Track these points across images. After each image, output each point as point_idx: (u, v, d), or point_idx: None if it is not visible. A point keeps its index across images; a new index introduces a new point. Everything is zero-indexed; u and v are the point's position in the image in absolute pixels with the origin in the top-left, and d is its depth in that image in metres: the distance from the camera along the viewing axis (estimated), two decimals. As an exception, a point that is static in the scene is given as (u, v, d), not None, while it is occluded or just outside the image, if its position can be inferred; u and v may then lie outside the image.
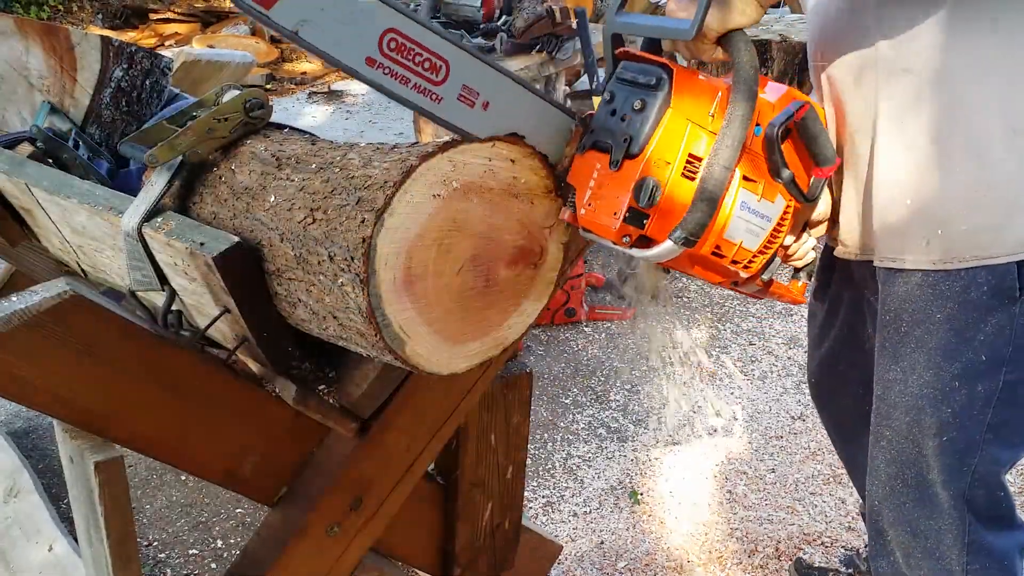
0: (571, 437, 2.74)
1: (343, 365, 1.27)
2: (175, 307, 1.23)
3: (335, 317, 1.07)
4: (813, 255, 1.39)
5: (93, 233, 1.29)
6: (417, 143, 1.09)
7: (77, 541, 1.69)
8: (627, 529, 2.35)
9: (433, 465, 1.55)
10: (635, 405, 2.89)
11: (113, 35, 3.26)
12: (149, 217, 1.15)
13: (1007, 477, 1.37)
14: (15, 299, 1.01)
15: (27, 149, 1.44)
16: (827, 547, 2.27)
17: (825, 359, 1.70)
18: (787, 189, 1.17)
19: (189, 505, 2.46)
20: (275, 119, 1.26)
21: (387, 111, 6.27)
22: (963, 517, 1.32)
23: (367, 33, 0.96)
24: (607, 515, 2.40)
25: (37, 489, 2.19)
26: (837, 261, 1.46)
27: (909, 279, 1.27)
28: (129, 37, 7.47)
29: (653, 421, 2.80)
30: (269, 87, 6.69)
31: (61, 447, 1.25)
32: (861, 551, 2.16)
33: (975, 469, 1.29)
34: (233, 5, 0.93)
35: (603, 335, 3.31)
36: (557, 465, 2.62)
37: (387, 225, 0.98)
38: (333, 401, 1.24)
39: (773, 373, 3.04)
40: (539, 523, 2.36)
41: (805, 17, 1.40)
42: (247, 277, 1.11)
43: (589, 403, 2.91)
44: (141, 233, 1.15)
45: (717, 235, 1.14)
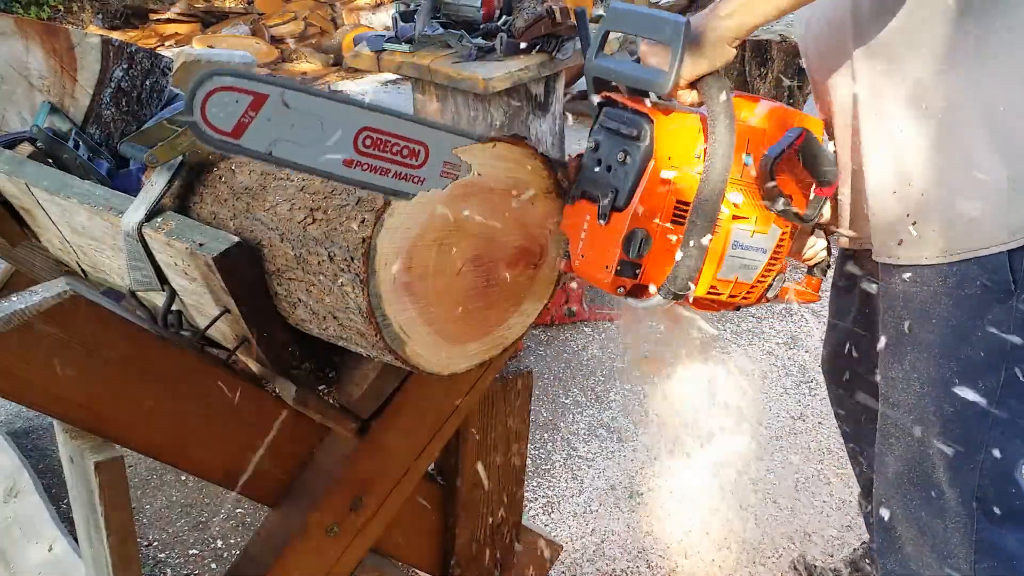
0: (571, 437, 2.74)
1: (343, 365, 1.27)
2: (175, 307, 1.23)
3: (335, 317, 1.07)
4: (824, 254, 1.40)
5: (93, 233, 1.29)
6: (417, 143, 1.09)
7: (77, 541, 1.69)
8: (627, 529, 2.35)
9: (433, 465, 1.54)
10: (635, 405, 2.89)
11: (113, 35, 3.26)
12: (149, 217, 1.15)
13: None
14: (15, 299, 1.01)
15: (27, 149, 1.44)
16: (828, 547, 2.27)
17: (840, 344, 1.70)
18: (783, 216, 1.17)
19: (189, 505, 2.46)
20: (275, 119, 1.26)
21: (387, 111, 6.27)
22: (971, 515, 1.31)
23: (341, 137, 0.96)
24: (607, 515, 2.40)
25: (37, 489, 2.19)
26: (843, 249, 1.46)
27: (906, 276, 1.27)
28: (129, 37, 7.47)
29: (653, 421, 2.80)
30: (269, 87, 6.67)
31: (61, 447, 1.25)
32: (860, 550, 2.16)
33: (983, 466, 1.28)
34: (185, 122, 0.92)
35: (603, 335, 3.31)
36: (557, 465, 2.62)
37: (387, 225, 0.98)
38: (333, 401, 1.24)
39: (773, 373, 3.04)
40: (539, 523, 2.35)
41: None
42: (247, 277, 1.11)
43: (589, 403, 2.91)
44: (141, 233, 1.15)
45: (710, 278, 1.14)
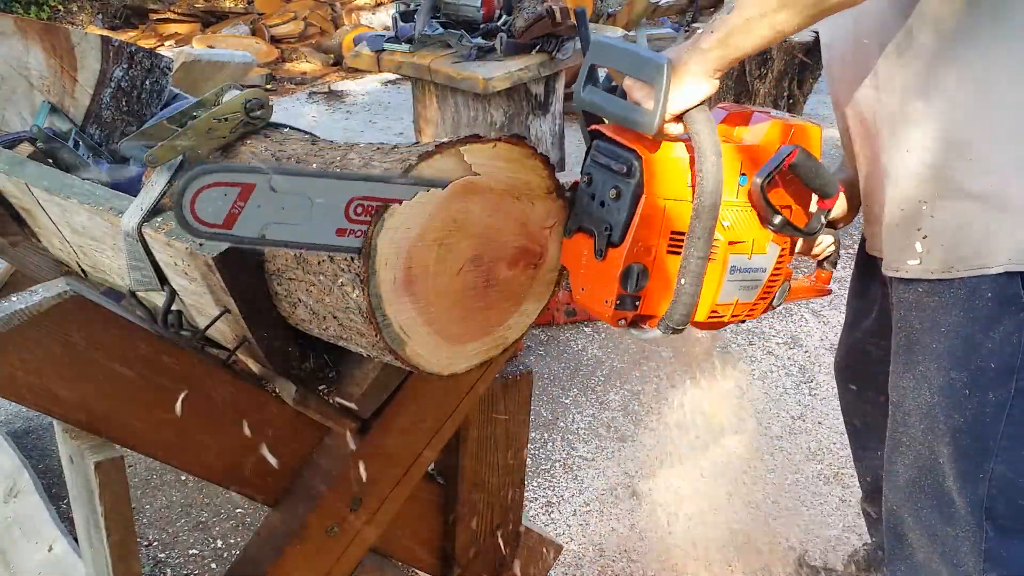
0: (571, 437, 2.74)
1: (343, 365, 1.27)
2: (175, 307, 1.22)
3: (335, 317, 1.07)
4: (833, 248, 1.40)
5: (93, 233, 1.29)
6: (417, 143, 1.09)
7: (77, 541, 1.69)
8: (627, 529, 2.35)
9: (433, 465, 1.54)
10: (635, 405, 2.89)
11: (113, 35, 3.26)
12: (149, 217, 1.15)
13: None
14: (15, 299, 1.01)
15: (27, 149, 1.44)
16: (828, 546, 2.27)
17: (856, 346, 1.69)
18: (781, 232, 1.18)
19: (189, 505, 2.46)
20: (275, 119, 1.26)
21: (387, 111, 6.27)
22: (980, 524, 1.31)
23: (333, 210, 0.96)
24: (607, 515, 2.40)
25: (37, 489, 2.19)
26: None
27: (916, 287, 1.27)
28: (129, 37, 7.47)
29: (653, 421, 2.80)
30: (269, 87, 6.69)
31: (61, 447, 1.25)
32: (861, 549, 2.16)
33: (991, 476, 1.28)
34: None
35: (603, 335, 3.31)
36: (557, 465, 2.62)
37: (387, 225, 0.98)
38: (333, 401, 1.24)
39: (773, 373, 3.04)
40: (539, 523, 2.35)
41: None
42: (247, 277, 1.11)
43: (589, 403, 2.91)
44: (141, 233, 1.15)
45: (710, 303, 1.15)
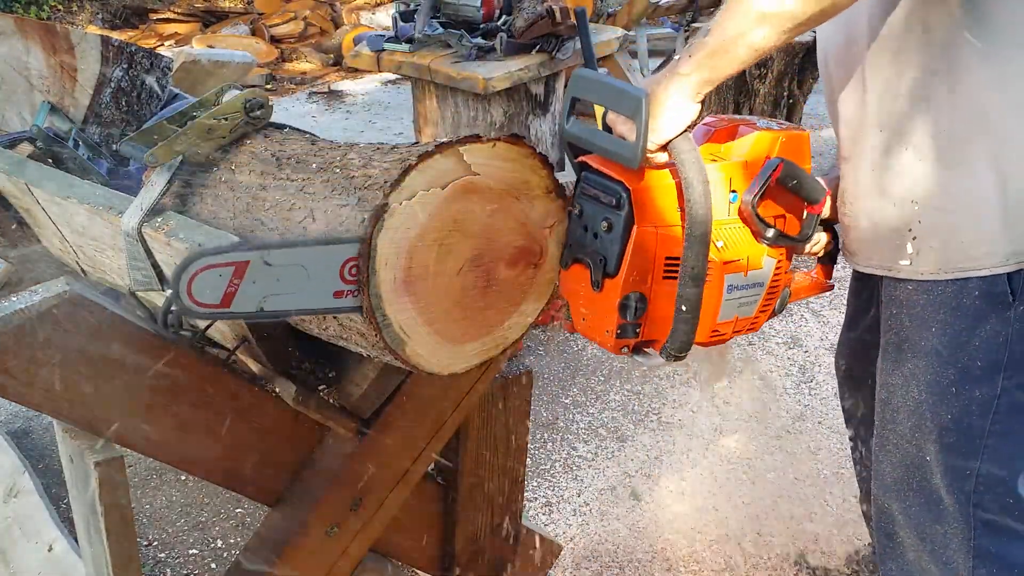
0: (571, 437, 2.74)
1: (343, 365, 1.27)
2: (175, 307, 1.22)
3: (335, 317, 1.07)
4: (831, 244, 1.40)
5: (93, 233, 1.29)
6: (417, 143, 1.09)
7: (77, 541, 1.69)
8: (627, 529, 2.35)
9: (433, 465, 1.55)
10: (635, 405, 2.89)
11: (113, 35, 3.25)
12: (149, 217, 1.15)
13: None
14: (15, 299, 1.01)
15: (27, 149, 1.44)
16: (828, 546, 2.27)
17: (855, 345, 1.70)
18: (775, 245, 1.18)
19: (189, 505, 2.46)
20: (275, 119, 1.26)
21: (387, 111, 6.27)
22: (969, 522, 1.31)
23: (328, 273, 0.98)
24: (607, 515, 2.40)
25: (37, 489, 2.19)
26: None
27: (906, 285, 1.28)
28: (129, 37, 7.47)
29: (653, 421, 2.80)
30: (269, 87, 6.69)
31: (61, 447, 1.25)
32: (862, 549, 2.16)
33: (978, 473, 1.29)
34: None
35: (603, 335, 3.31)
36: (557, 465, 2.62)
37: (387, 225, 0.98)
38: (333, 401, 1.24)
39: (773, 373, 3.04)
40: (539, 523, 2.35)
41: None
42: (247, 277, 1.10)
43: (589, 403, 2.91)
44: (141, 233, 1.15)
45: (709, 326, 1.16)
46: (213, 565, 2.26)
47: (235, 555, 2.24)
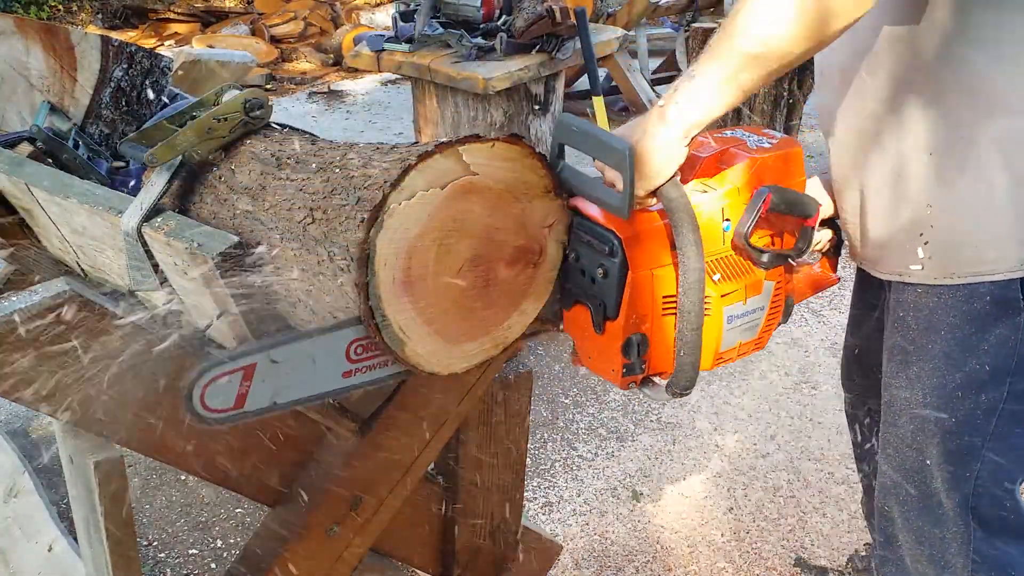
0: (571, 437, 2.74)
1: (343, 365, 1.27)
2: (175, 307, 1.22)
3: (335, 317, 1.07)
4: (833, 238, 1.40)
5: (93, 233, 1.29)
6: (417, 143, 1.09)
7: (77, 541, 1.69)
8: (627, 529, 2.35)
9: (433, 465, 1.55)
10: (635, 405, 2.89)
11: (113, 35, 3.26)
12: (149, 217, 1.15)
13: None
14: (15, 299, 1.01)
15: (27, 149, 1.43)
16: (828, 546, 2.27)
17: (859, 348, 1.70)
18: (772, 267, 1.20)
19: (189, 505, 2.46)
20: (275, 119, 1.26)
21: (387, 111, 6.27)
22: (967, 525, 1.31)
23: (334, 358, 1.01)
24: (607, 515, 2.40)
25: (37, 489, 2.19)
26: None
27: (915, 288, 1.27)
28: (129, 37, 7.47)
29: (653, 421, 2.80)
30: (269, 87, 6.69)
31: (61, 447, 1.25)
32: (861, 550, 2.16)
33: (978, 477, 1.29)
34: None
35: (603, 335, 3.31)
36: (557, 465, 2.62)
37: (386, 226, 0.98)
38: (333, 401, 1.24)
39: (773, 373, 3.04)
40: (539, 523, 2.35)
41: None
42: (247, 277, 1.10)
43: (589, 403, 2.91)
44: (141, 233, 1.15)
45: (712, 356, 1.18)
46: (213, 565, 2.26)
47: (235, 555, 2.24)
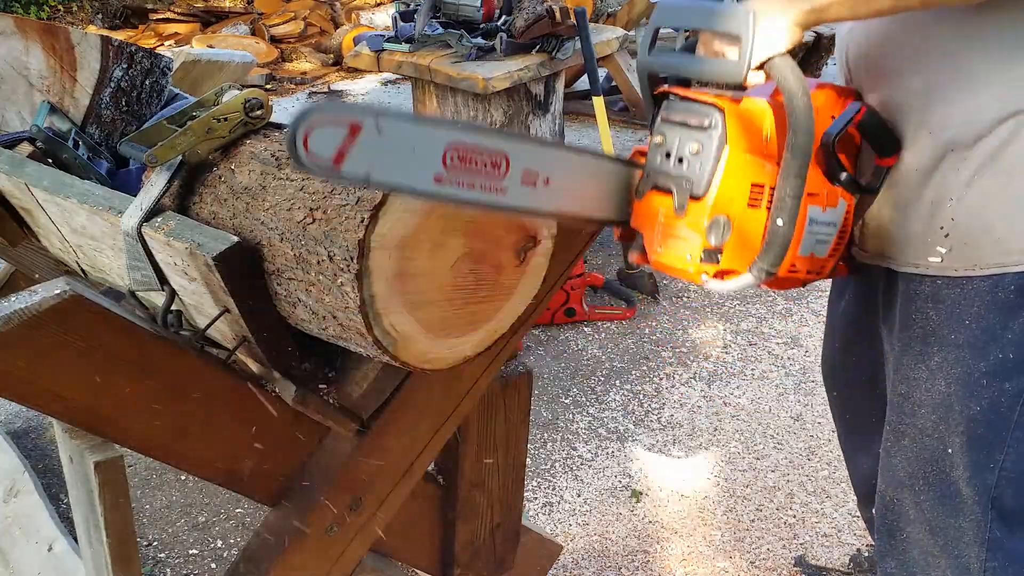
0: (571, 437, 2.74)
1: (343, 365, 1.27)
2: (175, 307, 1.23)
3: (335, 317, 1.07)
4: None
5: (93, 233, 1.29)
6: (417, 143, 1.09)
7: (77, 541, 1.69)
8: (627, 529, 2.35)
9: (433, 465, 1.55)
10: (635, 405, 2.89)
11: (113, 35, 3.25)
12: (149, 217, 1.15)
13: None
14: (15, 299, 1.01)
15: (27, 149, 1.43)
16: (828, 546, 2.27)
17: (837, 347, 1.70)
18: (847, 189, 1.19)
19: (189, 505, 2.46)
20: (275, 119, 1.26)
21: (387, 111, 6.27)
22: (986, 514, 1.31)
23: (431, 156, 0.97)
24: (607, 515, 2.40)
25: (37, 489, 2.19)
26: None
27: (935, 280, 1.27)
28: (129, 37, 7.47)
29: (653, 421, 2.80)
30: (269, 87, 6.69)
31: (61, 447, 1.25)
32: (862, 549, 2.16)
33: (1002, 466, 1.29)
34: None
35: (603, 335, 3.31)
36: (557, 465, 2.62)
37: (381, 224, 0.98)
38: (333, 401, 1.24)
39: (773, 373, 3.04)
40: (539, 523, 2.36)
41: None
42: (247, 277, 1.11)
43: (589, 403, 2.91)
44: (141, 233, 1.15)
45: (791, 257, 1.16)
46: (213, 565, 2.26)
47: (235, 555, 2.24)
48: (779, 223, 1.10)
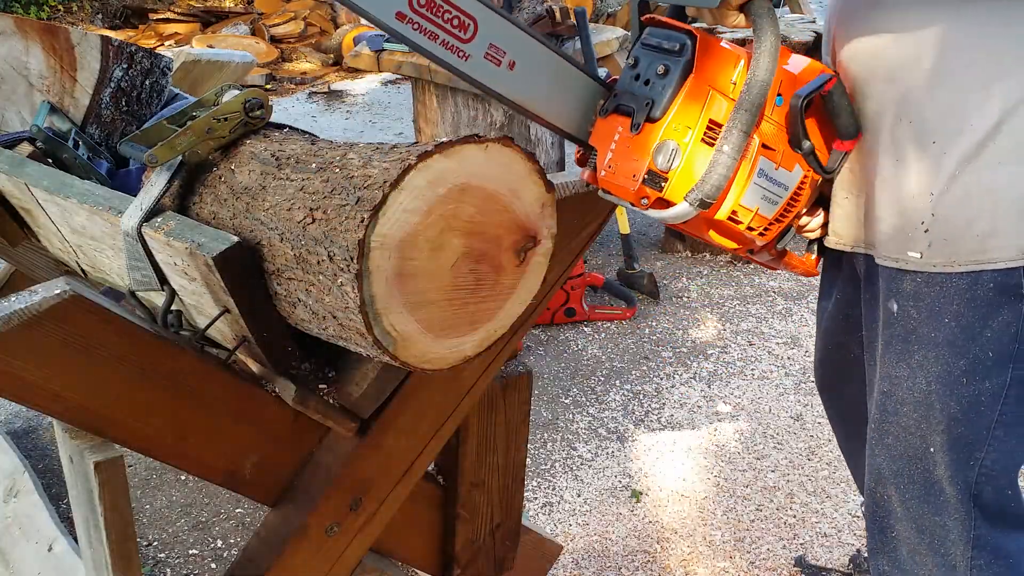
0: (571, 437, 2.74)
1: (343, 365, 1.27)
2: (175, 307, 1.23)
3: (335, 317, 1.07)
4: (820, 231, 1.40)
5: (93, 233, 1.29)
6: (416, 143, 1.09)
7: (77, 541, 1.69)
8: (627, 529, 2.35)
9: (433, 465, 1.55)
10: (635, 405, 2.89)
11: (113, 35, 3.25)
12: (149, 217, 1.15)
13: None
14: (15, 299, 1.01)
15: (27, 149, 1.43)
16: (828, 546, 2.27)
17: (828, 347, 1.70)
18: (806, 160, 1.20)
19: (189, 505, 2.46)
20: (275, 119, 1.26)
21: (387, 111, 6.27)
22: (969, 512, 1.32)
23: None
24: (607, 515, 2.40)
25: (37, 489, 2.19)
26: (827, 248, 1.45)
27: (915, 277, 1.27)
28: (129, 37, 7.47)
29: (653, 421, 2.80)
30: (269, 87, 6.69)
31: (61, 447, 1.25)
32: (862, 549, 2.16)
33: (982, 463, 1.29)
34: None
35: (603, 335, 3.31)
36: (557, 465, 2.62)
37: (380, 224, 0.98)
38: (333, 401, 1.24)
39: (773, 373, 3.04)
40: (539, 523, 2.36)
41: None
42: (247, 277, 1.11)
43: (589, 403, 2.91)
44: (141, 233, 1.15)
45: (734, 201, 1.17)
46: (213, 565, 2.26)
47: (235, 555, 2.24)
48: (724, 149, 1.11)
